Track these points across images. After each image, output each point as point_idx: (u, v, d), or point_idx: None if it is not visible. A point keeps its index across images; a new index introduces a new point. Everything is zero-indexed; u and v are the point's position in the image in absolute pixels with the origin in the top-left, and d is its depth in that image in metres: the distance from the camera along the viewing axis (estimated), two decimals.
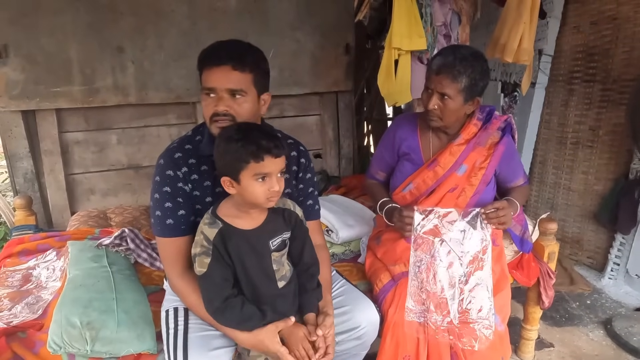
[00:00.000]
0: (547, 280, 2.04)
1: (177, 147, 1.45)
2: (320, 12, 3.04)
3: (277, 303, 1.35)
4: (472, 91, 1.62)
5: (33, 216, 2.32)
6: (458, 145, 1.74)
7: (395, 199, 1.84)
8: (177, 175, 1.40)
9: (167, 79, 2.80)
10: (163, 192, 1.39)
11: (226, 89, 1.34)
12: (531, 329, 2.18)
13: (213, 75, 1.34)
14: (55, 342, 1.43)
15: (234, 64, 1.34)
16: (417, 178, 1.78)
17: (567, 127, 3.24)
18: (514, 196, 1.80)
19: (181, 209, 1.40)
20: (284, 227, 1.37)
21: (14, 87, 2.53)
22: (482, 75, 1.62)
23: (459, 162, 1.74)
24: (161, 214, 1.40)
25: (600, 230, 3.08)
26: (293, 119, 3.19)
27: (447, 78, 1.59)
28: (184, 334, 1.38)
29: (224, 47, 1.37)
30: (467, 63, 1.58)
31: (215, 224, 1.27)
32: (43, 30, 2.53)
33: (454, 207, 1.70)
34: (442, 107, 1.64)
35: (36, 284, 1.86)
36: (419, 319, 1.59)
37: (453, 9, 2.58)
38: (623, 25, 2.82)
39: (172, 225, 1.40)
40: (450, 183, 1.75)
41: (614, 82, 2.90)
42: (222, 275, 1.28)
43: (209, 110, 1.36)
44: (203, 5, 2.77)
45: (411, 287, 1.62)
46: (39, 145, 2.68)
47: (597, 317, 2.63)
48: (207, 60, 1.36)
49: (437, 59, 1.65)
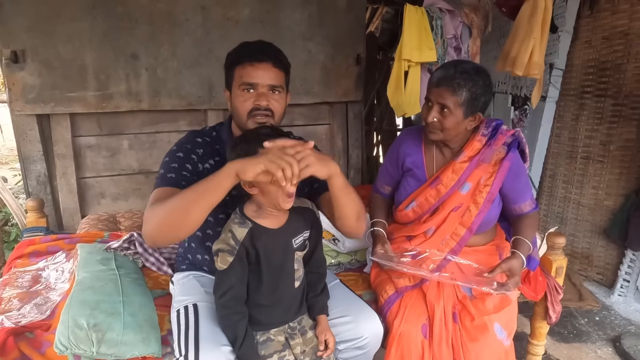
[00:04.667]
0: (555, 295, 2.01)
1: (198, 133, 1.55)
2: (332, 23, 3.08)
3: (292, 303, 1.40)
4: (473, 106, 1.59)
5: (44, 218, 2.35)
6: (461, 162, 1.70)
7: (398, 215, 1.83)
8: (195, 150, 1.47)
9: (180, 86, 2.84)
10: (175, 156, 1.45)
11: (268, 84, 1.42)
12: (538, 344, 2.15)
13: (255, 72, 1.40)
14: (62, 343, 1.44)
15: (274, 62, 1.42)
16: (419, 196, 1.74)
17: (578, 142, 3.23)
18: (519, 242, 1.68)
19: (186, 171, 1.43)
20: (304, 226, 1.40)
21: (30, 91, 2.59)
22: (483, 90, 1.58)
23: (461, 180, 1.69)
24: (164, 171, 1.42)
25: (610, 246, 3.04)
26: (303, 128, 3.21)
27: (447, 90, 1.56)
28: (195, 330, 1.39)
29: (261, 46, 1.45)
30: (468, 76, 1.55)
31: (245, 224, 1.29)
32: (60, 36, 2.59)
33: (459, 225, 1.69)
34: (441, 120, 1.60)
35: (45, 285, 1.88)
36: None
37: (464, 21, 2.60)
38: (635, 40, 2.82)
39: (173, 178, 1.40)
40: (453, 202, 1.70)
41: (626, 97, 2.89)
42: (239, 276, 1.30)
43: (248, 105, 1.42)
44: (217, 15, 2.82)
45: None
46: (52, 149, 2.73)
47: (606, 334, 2.59)
48: (246, 57, 1.42)
49: (437, 72, 1.63)
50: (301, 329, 1.44)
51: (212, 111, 2.94)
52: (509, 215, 1.84)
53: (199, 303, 1.49)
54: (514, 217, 1.81)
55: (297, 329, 1.43)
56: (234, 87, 1.45)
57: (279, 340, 1.38)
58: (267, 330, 1.38)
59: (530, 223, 1.77)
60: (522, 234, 1.73)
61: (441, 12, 2.42)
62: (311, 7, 3.00)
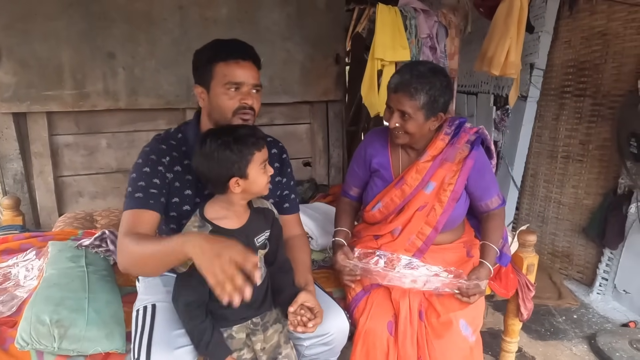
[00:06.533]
0: (526, 292, 2.01)
1: (162, 139, 1.52)
2: (311, 23, 3.09)
3: (253, 304, 1.38)
4: (433, 107, 1.59)
5: (20, 217, 2.34)
6: (424, 162, 1.69)
7: (366, 216, 1.83)
8: (160, 161, 1.45)
9: (157, 86, 2.84)
10: (142, 172, 1.43)
11: (252, 84, 1.43)
12: (511, 342, 2.15)
13: (241, 70, 1.41)
14: (23, 339, 1.43)
15: (254, 61, 1.44)
16: (385, 197, 1.74)
17: (558, 141, 3.25)
18: (485, 249, 1.72)
19: (153, 188, 1.41)
20: (265, 226, 1.42)
21: (6, 90, 2.59)
22: (441, 92, 1.58)
23: (425, 180, 1.69)
24: (132, 190, 1.41)
25: (590, 245, 3.06)
26: (283, 127, 3.22)
27: (404, 96, 1.56)
28: (149, 332, 1.39)
29: (241, 44, 1.45)
30: (425, 80, 1.55)
31: (204, 227, 1.30)
32: (36, 35, 2.59)
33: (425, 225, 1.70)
34: (403, 124, 1.60)
35: (14, 283, 1.87)
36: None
37: (440, 21, 2.61)
38: (613, 41, 2.84)
39: (141, 198, 1.39)
40: (418, 201, 1.70)
41: (604, 97, 2.91)
42: (200, 279, 1.29)
43: (234, 103, 1.42)
44: (194, 15, 2.83)
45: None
46: (29, 148, 2.73)
47: (583, 331, 2.60)
48: (230, 54, 1.41)
49: (394, 77, 1.62)
50: (263, 325, 1.44)
51: (190, 110, 2.95)
52: (477, 212, 1.84)
53: (158, 303, 1.48)
54: (482, 214, 1.82)
55: (259, 324, 1.43)
56: (216, 84, 1.43)
57: (239, 337, 1.38)
58: (230, 327, 1.38)
59: (496, 224, 1.78)
60: (488, 239, 1.75)
61: (415, 11, 2.43)
62: (290, 7, 3.02)
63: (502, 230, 1.81)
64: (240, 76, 1.41)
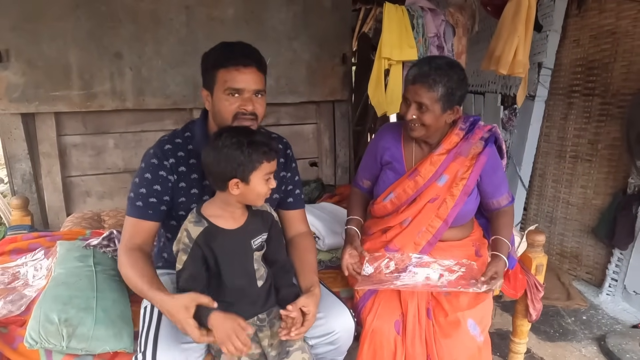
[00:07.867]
0: (535, 292, 2.00)
1: (168, 140, 1.53)
2: (317, 23, 3.08)
3: (258, 299, 1.41)
4: (450, 100, 1.61)
5: (29, 216, 2.36)
6: (439, 155, 1.71)
7: (376, 207, 1.83)
8: (163, 164, 1.46)
9: (164, 86, 2.85)
10: (144, 177, 1.46)
11: (253, 89, 1.42)
12: (519, 342, 2.14)
13: (241, 77, 1.40)
14: (32, 337, 1.44)
15: (257, 66, 1.43)
16: (397, 187, 1.75)
17: (567, 141, 3.22)
18: (498, 243, 1.72)
19: (154, 197, 1.45)
20: (262, 228, 1.43)
21: (14, 90, 2.60)
22: (458, 84, 1.60)
23: (439, 172, 1.71)
24: (134, 196, 1.46)
25: (599, 246, 3.03)
26: (289, 127, 3.22)
27: (422, 87, 1.58)
28: (157, 327, 1.41)
29: (244, 49, 1.45)
30: (443, 72, 1.57)
31: (200, 223, 1.32)
32: (44, 36, 2.60)
33: (435, 217, 1.70)
34: (420, 116, 1.62)
35: (23, 282, 1.88)
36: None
37: (447, 20, 2.59)
38: (622, 39, 2.81)
39: (141, 207, 1.45)
40: (430, 193, 1.71)
41: (613, 96, 2.89)
42: (192, 273, 1.31)
43: (233, 109, 1.42)
44: (201, 15, 2.83)
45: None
46: (37, 148, 2.74)
47: (592, 333, 2.58)
48: (231, 61, 1.41)
49: (412, 70, 1.64)
50: (270, 321, 1.45)
51: (197, 110, 2.93)
52: (487, 210, 1.85)
53: None
54: (492, 212, 1.82)
55: (266, 320, 1.44)
56: (217, 90, 1.43)
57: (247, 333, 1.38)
58: None
59: (506, 221, 1.79)
60: (500, 234, 1.75)
61: (423, 10, 2.42)
62: (296, 7, 3.01)
63: (512, 227, 1.82)
64: (241, 82, 1.41)
